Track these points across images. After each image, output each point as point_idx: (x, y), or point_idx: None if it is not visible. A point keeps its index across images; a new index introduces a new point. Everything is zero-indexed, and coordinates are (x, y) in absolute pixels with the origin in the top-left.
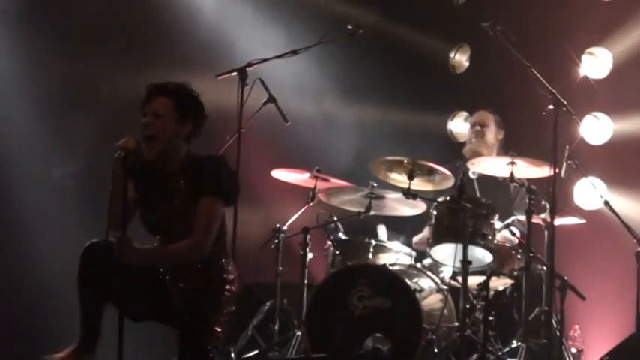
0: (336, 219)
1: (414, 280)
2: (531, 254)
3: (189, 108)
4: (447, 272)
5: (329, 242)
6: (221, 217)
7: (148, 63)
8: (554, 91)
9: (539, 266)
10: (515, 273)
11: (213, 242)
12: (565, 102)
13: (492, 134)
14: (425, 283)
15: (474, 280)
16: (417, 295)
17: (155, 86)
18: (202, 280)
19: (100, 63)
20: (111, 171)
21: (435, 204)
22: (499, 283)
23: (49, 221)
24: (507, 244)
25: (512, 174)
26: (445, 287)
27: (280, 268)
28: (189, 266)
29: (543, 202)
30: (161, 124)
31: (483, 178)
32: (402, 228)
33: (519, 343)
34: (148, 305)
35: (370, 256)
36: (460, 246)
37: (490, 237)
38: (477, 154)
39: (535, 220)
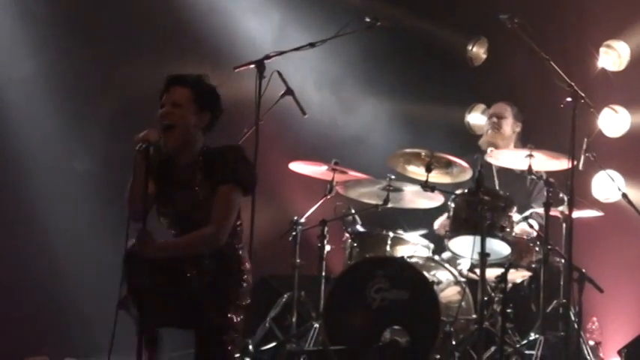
0: (353, 211)
1: (432, 273)
2: (549, 247)
3: (208, 99)
4: (464, 265)
5: (347, 234)
6: (239, 206)
7: (167, 55)
8: (572, 84)
9: (557, 259)
10: (533, 265)
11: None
12: (583, 94)
13: (509, 126)
14: (443, 275)
15: (491, 273)
16: (435, 287)
17: (174, 77)
18: (221, 272)
19: (119, 54)
20: (131, 162)
21: (453, 196)
22: (517, 276)
23: (69, 214)
24: (525, 237)
25: (530, 166)
26: (463, 280)
27: (298, 261)
28: (209, 258)
29: (561, 195)
30: (180, 114)
31: (503, 170)
32: (420, 221)
33: (537, 336)
34: (172, 304)
35: (388, 248)
36: (478, 238)
37: (508, 229)
38: (493, 146)
39: (553, 212)
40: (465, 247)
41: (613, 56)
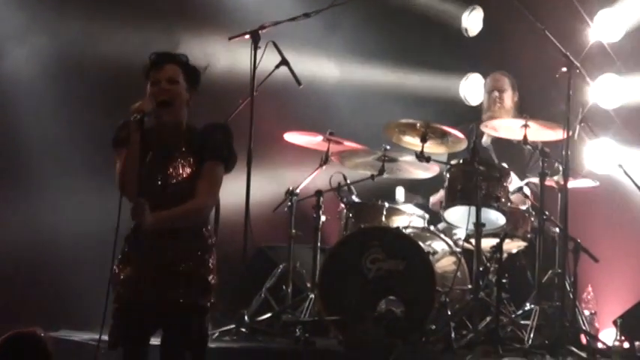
0: (349, 182)
1: (428, 243)
2: (545, 217)
3: (194, 77)
4: (460, 235)
5: (342, 205)
6: (221, 182)
7: (159, 27)
8: (567, 54)
9: (553, 229)
10: (529, 235)
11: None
12: (578, 64)
13: (510, 98)
14: (438, 245)
15: (487, 243)
16: (431, 257)
17: (165, 54)
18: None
19: (109, 26)
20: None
21: (448, 167)
22: (512, 246)
23: (65, 186)
24: (521, 207)
25: (525, 136)
26: (458, 250)
27: (293, 231)
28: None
29: (557, 165)
30: (177, 91)
31: (497, 141)
32: (416, 190)
33: (532, 306)
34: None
35: (383, 219)
36: (473, 208)
37: (503, 199)
38: (494, 119)
39: (548, 182)
40: (460, 217)
41: (608, 26)
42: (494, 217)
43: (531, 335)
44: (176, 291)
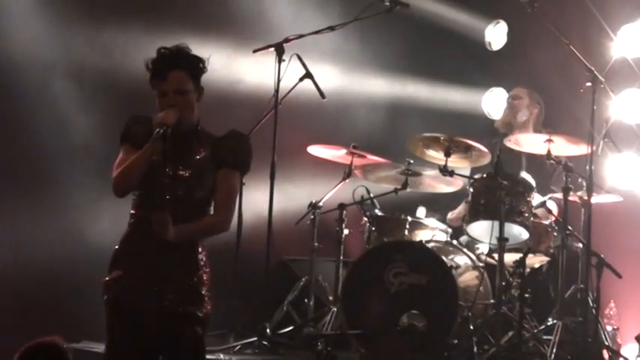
0: (372, 195)
1: (450, 257)
2: (568, 232)
3: (200, 73)
4: (483, 249)
5: (365, 218)
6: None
7: (182, 38)
8: (592, 69)
9: (576, 244)
10: (552, 250)
11: None
12: (602, 79)
13: (525, 107)
14: (461, 260)
15: (510, 258)
16: (453, 272)
17: (167, 62)
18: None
19: (133, 36)
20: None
21: (472, 181)
22: (535, 261)
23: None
24: (544, 222)
25: (549, 151)
26: (481, 264)
27: (316, 244)
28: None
29: (580, 180)
30: (186, 100)
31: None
32: (438, 205)
33: (555, 321)
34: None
35: (406, 232)
36: (497, 223)
37: (527, 214)
38: (507, 126)
39: (572, 197)
40: (483, 231)
41: (633, 41)
42: (518, 232)
43: (554, 350)
44: (166, 298)
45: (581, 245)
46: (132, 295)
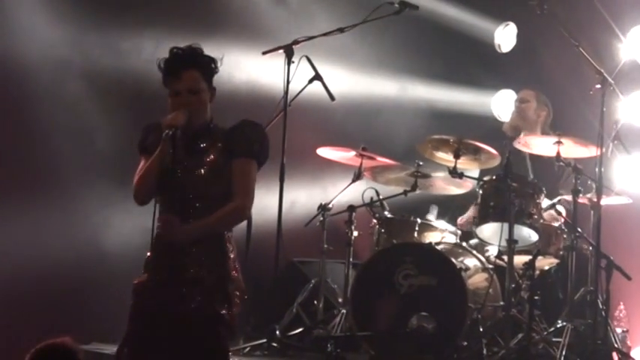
0: (381, 197)
1: (460, 259)
2: (577, 234)
3: (212, 73)
4: (492, 251)
5: (374, 220)
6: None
7: (195, 41)
8: (602, 71)
9: (585, 246)
10: (561, 252)
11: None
12: (612, 81)
13: (532, 110)
14: (470, 262)
15: (519, 260)
16: (463, 274)
17: (181, 61)
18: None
19: (144, 39)
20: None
21: (481, 183)
22: (545, 263)
23: (97, 197)
24: (553, 224)
25: (558, 153)
26: (491, 266)
27: (326, 246)
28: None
29: (589, 182)
30: (199, 100)
31: (535, 156)
32: (448, 208)
33: (564, 323)
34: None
35: (416, 234)
36: (506, 225)
37: (536, 216)
38: (515, 129)
39: (581, 199)
40: (492, 233)
41: None
42: (527, 234)
43: (563, 353)
44: (192, 300)
45: (590, 247)
46: (157, 298)
